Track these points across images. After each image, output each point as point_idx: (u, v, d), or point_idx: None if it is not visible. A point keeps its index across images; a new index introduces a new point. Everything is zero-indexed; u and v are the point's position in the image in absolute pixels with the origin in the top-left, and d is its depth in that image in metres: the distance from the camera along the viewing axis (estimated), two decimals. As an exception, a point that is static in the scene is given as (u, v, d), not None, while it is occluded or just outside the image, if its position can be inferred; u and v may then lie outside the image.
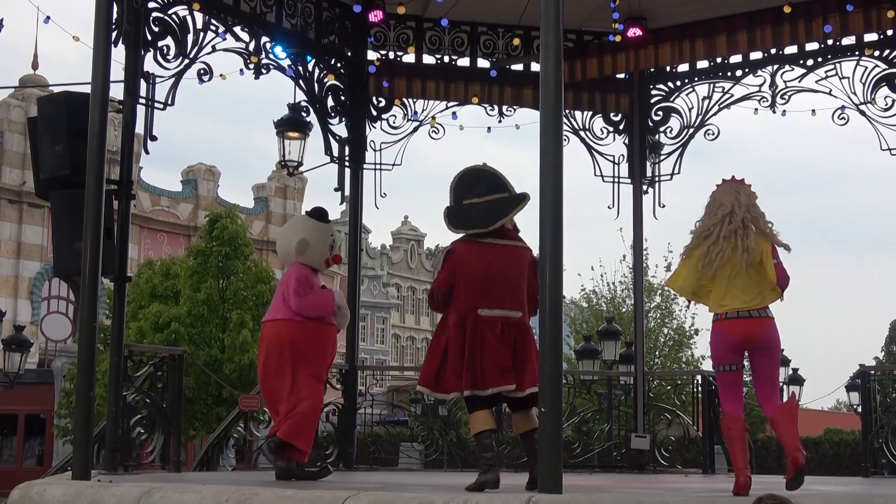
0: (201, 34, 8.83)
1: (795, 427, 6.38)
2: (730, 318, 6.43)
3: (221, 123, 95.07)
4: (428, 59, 11.05)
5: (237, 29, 9.33)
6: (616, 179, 11.35)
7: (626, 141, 11.41)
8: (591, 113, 11.39)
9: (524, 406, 6.75)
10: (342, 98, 10.61)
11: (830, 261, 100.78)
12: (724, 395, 6.59)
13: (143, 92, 8.32)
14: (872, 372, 10.77)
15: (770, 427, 6.56)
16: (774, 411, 6.40)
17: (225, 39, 9.13)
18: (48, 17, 9.49)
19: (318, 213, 7.98)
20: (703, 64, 10.96)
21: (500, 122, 11.19)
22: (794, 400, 6.32)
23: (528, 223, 6.59)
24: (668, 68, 11.15)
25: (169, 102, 8.50)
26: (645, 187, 11.29)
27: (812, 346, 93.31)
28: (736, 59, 10.72)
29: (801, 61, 10.42)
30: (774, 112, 10.64)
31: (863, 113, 10.11)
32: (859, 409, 12.44)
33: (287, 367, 7.62)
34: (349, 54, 10.78)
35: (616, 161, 11.40)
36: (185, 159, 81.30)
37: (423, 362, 6.88)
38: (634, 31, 10.60)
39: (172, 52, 8.57)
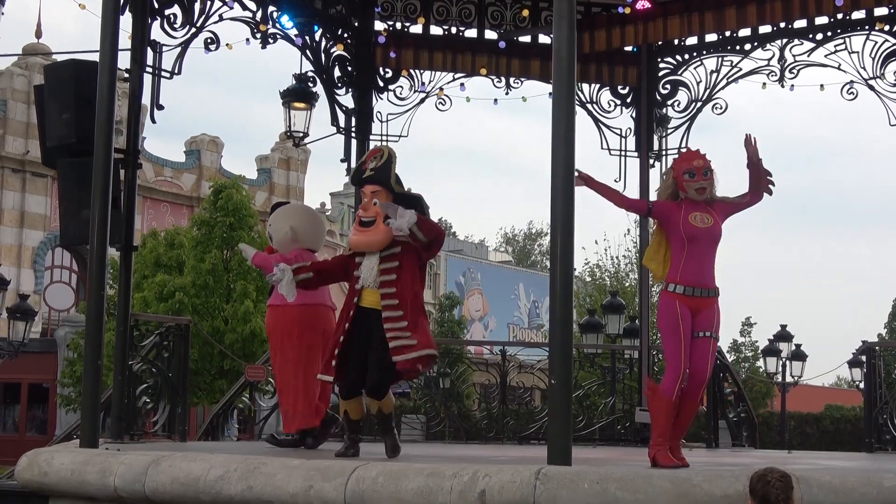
0: (208, 3, 8.77)
1: None
2: None
3: (223, 93, 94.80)
4: (435, 30, 10.98)
5: (244, -2, 9.28)
6: (623, 153, 11.32)
7: (634, 114, 11.37)
8: (598, 85, 11.36)
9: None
10: (349, 68, 10.58)
11: (833, 237, 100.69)
12: None
13: (149, 61, 8.31)
14: (877, 348, 10.76)
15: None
16: None
17: (232, 8, 9.07)
18: (54, -15, 9.42)
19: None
20: (711, 37, 10.90)
21: (507, 93, 11.14)
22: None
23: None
24: (676, 41, 11.09)
25: (176, 71, 8.48)
26: (652, 161, 11.25)
27: (814, 322, 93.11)
28: (745, 32, 10.65)
29: (811, 35, 10.35)
30: (783, 86, 10.61)
31: (872, 87, 10.06)
32: (862, 386, 12.43)
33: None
34: (356, 24, 10.72)
35: (623, 134, 11.37)
36: (188, 130, 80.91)
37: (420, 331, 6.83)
38: (643, 4, 10.48)
39: (179, 20, 8.54)
